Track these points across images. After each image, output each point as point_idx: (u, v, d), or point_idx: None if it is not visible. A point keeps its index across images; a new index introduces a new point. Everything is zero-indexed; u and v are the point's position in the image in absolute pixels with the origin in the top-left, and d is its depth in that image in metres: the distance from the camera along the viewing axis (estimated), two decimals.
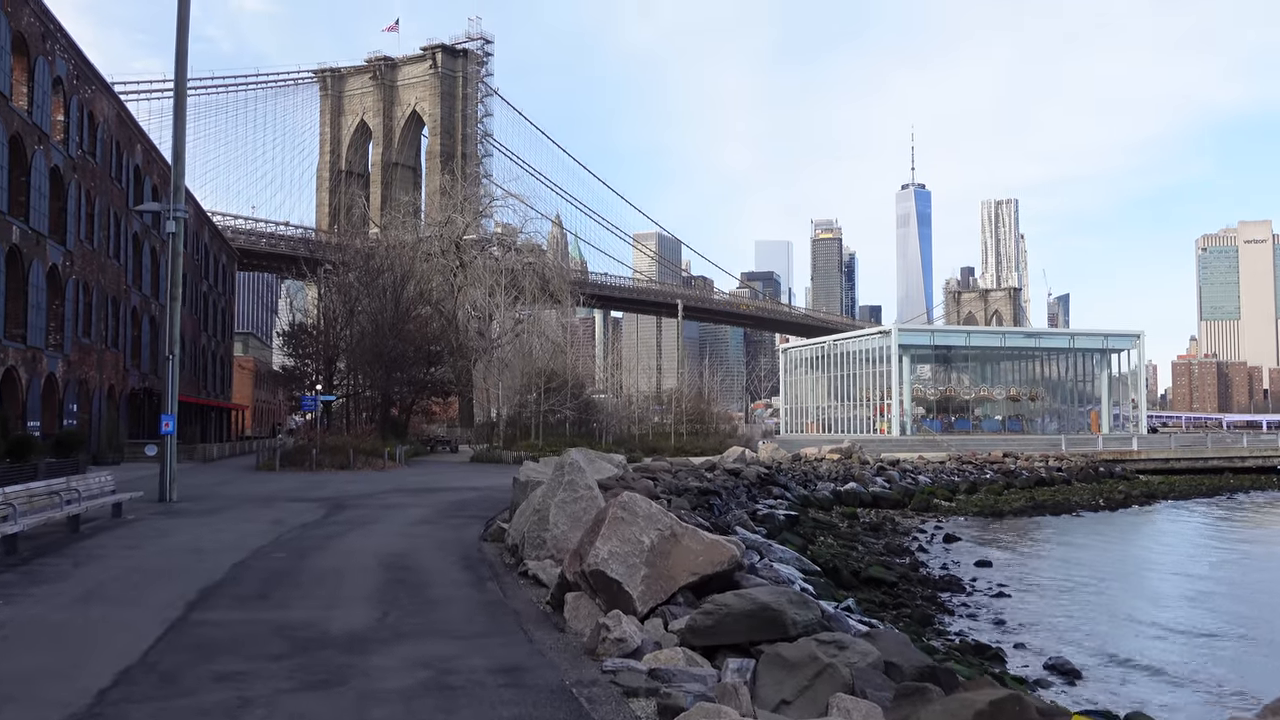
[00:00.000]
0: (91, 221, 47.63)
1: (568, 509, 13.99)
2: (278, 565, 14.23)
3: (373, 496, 28.76)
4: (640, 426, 66.72)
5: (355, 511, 23.61)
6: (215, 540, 17.27)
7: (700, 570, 10.33)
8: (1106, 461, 68.01)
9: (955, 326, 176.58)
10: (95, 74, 48.19)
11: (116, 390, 52.59)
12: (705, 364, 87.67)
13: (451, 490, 31.42)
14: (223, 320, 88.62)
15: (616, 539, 10.14)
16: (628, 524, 10.25)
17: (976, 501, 50.31)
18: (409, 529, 19.43)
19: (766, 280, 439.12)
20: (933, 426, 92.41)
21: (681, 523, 10.58)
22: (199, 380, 76.73)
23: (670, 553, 10.26)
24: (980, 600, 26.03)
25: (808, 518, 37.37)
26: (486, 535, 17.83)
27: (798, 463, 56.39)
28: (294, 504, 25.68)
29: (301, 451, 45.89)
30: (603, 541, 10.14)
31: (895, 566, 29.97)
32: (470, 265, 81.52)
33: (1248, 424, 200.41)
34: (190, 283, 73.14)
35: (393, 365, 56.73)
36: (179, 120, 25.14)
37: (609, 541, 10.12)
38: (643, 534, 10.19)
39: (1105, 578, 29.64)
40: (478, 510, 24.16)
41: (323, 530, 19.11)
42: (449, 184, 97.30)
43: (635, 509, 10.42)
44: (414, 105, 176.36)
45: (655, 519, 10.35)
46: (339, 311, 58.89)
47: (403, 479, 37.61)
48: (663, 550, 10.23)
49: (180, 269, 25.49)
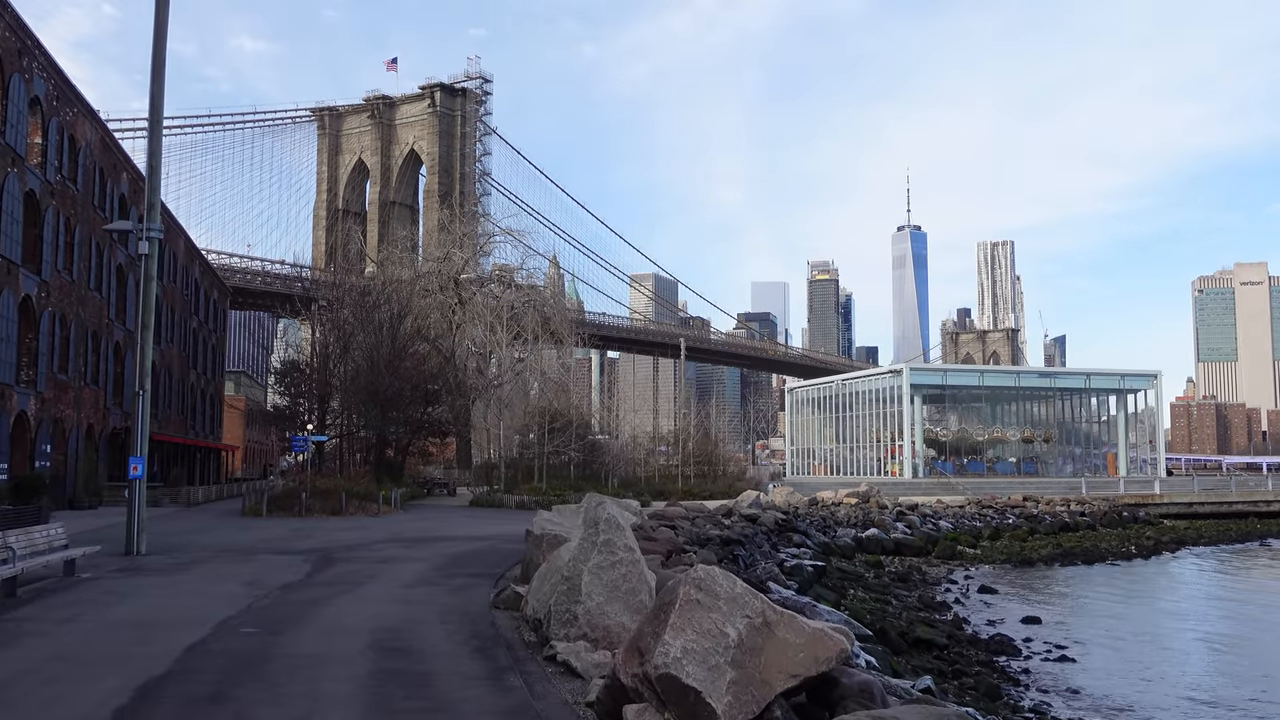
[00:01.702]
0: (71, 251, 44.85)
1: (604, 576, 11.29)
2: (243, 647, 11.37)
3: (365, 548, 25.95)
4: (646, 469, 63.90)
5: (345, 567, 20.80)
6: (174, 609, 14.38)
7: (801, 671, 7.64)
8: (1129, 505, 67.10)
9: (968, 366, 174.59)
10: (78, 96, 45.58)
11: (96, 429, 49.62)
12: (712, 404, 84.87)
13: (452, 540, 28.59)
14: (213, 358, 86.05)
15: (692, 630, 7.43)
16: (706, 609, 7.55)
17: (1002, 548, 49.40)
18: (406, 592, 16.61)
19: (763, 321, 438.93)
20: (945, 469, 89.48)
21: (774, 607, 7.86)
22: (187, 420, 73.97)
23: (762, 648, 7.56)
24: (1044, 667, 23.59)
25: (833, 567, 36.13)
26: (499, 601, 15.01)
27: (815, 507, 54.41)
28: (276, 557, 22.84)
29: (290, 495, 43.01)
30: (673, 634, 7.42)
31: (938, 624, 28.17)
32: (469, 302, 79.09)
33: (1247, 466, 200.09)
34: (180, 319, 70.72)
35: (388, 404, 53.85)
36: (154, 131, 22.64)
37: (682, 634, 7.40)
38: (727, 623, 7.49)
39: (1161, 636, 28.47)
40: (484, 566, 21.37)
41: (305, 593, 16.27)
42: (447, 219, 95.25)
43: (714, 588, 7.71)
44: (412, 144, 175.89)
45: (742, 602, 7.66)
46: (333, 347, 56.09)
47: (399, 526, 34.75)
48: (752, 645, 7.53)
49: (153, 294, 22.86)
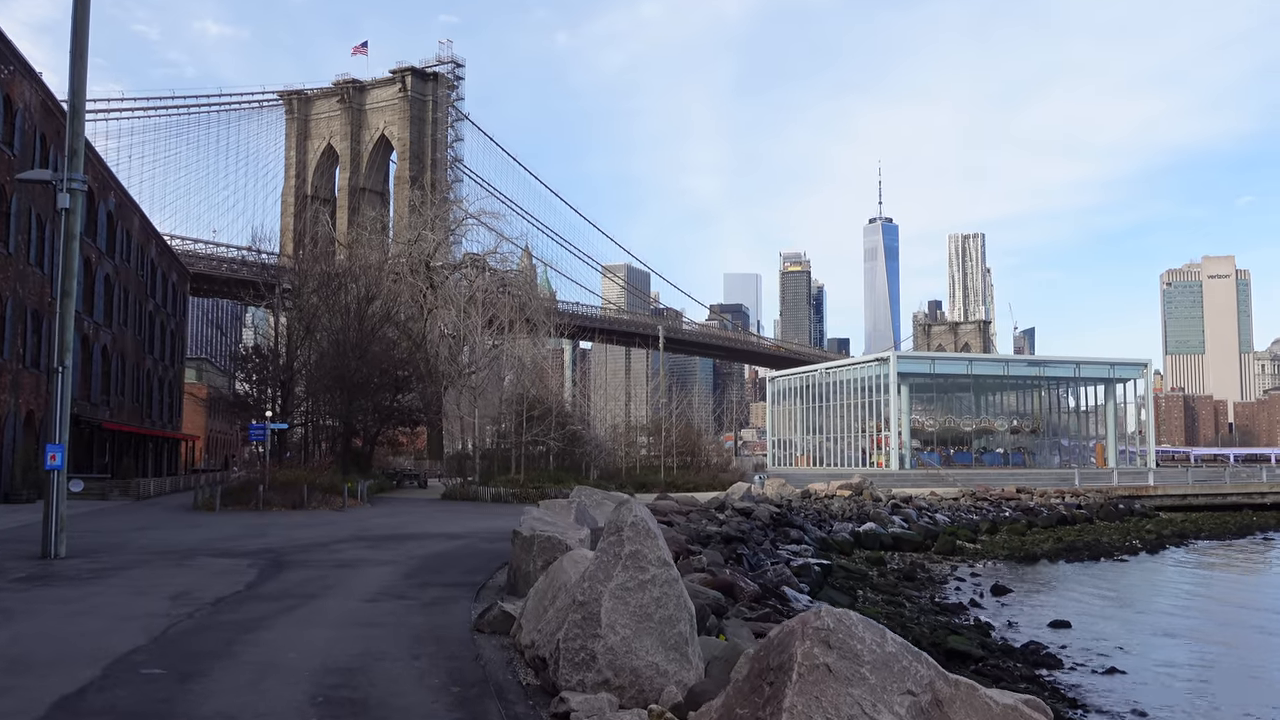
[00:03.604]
0: (7, 221, 41.13)
1: (632, 600, 8.33)
2: (133, 704, 8.20)
3: (325, 548, 22.81)
4: (627, 460, 60.93)
5: (297, 574, 17.67)
6: (64, 638, 11.11)
7: None
8: (1124, 497, 65.85)
9: (956, 355, 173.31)
10: (14, 53, 41.57)
11: (37, 416, 45.87)
12: (694, 392, 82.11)
13: (424, 538, 25.47)
14: (172, 343, 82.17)
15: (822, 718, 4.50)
16: (843, 681, 4.59)
17: (1002, 543, 47.15)
18: (367, 609, 13.50)
19: (735, 312, 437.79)
20: (932, 460, 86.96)
21: (945, 675, 4.90)
22: (142, 408, 70.17)
23: None
24: (1095, 683, 20.83)
25: (837, 566, 33.66)
26: (483, 622, 11.95)
27: (808, 500, 51.98)
28: (219, 561, 19.67)
29: (248, 488, 39.71)
30: None
31: (964, 630, 25.66)
32: (441, 286, 75.77)
33: (1214, 457, 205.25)
34: (135, 301, 66.94)
35: (355, 390, 50.49)
36: (78, 58, 19.29)
37: None
38: (879, 705, 4.55)
39: (1202, 639, 25.87)
40: (461, 571, 18.31)
41: (242, 612, 13.13)
42: (419, 200, 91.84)
43: (852, 646, 4.72)
44: (382, 129, 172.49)
45: (898, 668, 4.70)
46: (296, 330, 52.57)
47: (364, 522, 31.59)
48: None
49: (75, 255, 19.55)
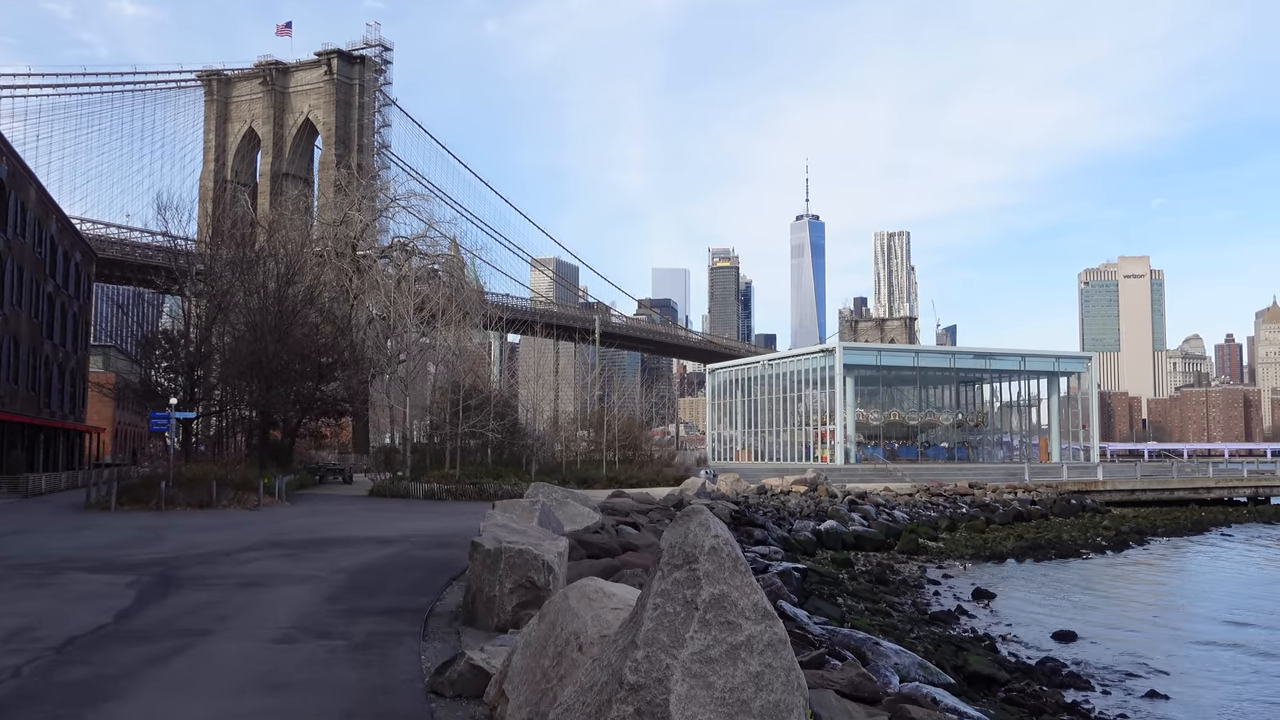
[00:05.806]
0: None
1: (719, 681, 4.94)
2: None
3: (230, 558, 18.93)
4: (568, 454, 57.50)
5: (188, 596, 13.86)
6: None
7: None
8: (1074, 493, 64.78)
9: (902, 346, 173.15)
10: None
11: None
12: (627, 387, 78.81)
13: (351, 544, 21.52)
14: (75, 329, 76.06)
15: None
16: None
17: (964, 541, 45.79)
18: (277, 655, 9.85)
19: (665, 307, 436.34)
20: (877, 454, 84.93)
21: None
22: (40, 396, 64.52)
23: None
24: (1140, 708, 18.12)
25: (810, 570, 31.06)
26: (441, 682, 8.43)
27: (764, 496, 49.45)
28: (92, 578, 15.73)
29: (149, 485, 35.26)
30: None
31: (969, 646, 23.21)
32: (368, 271, 71.44)
33: (1129, 452, 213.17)
34: (31, 279, 61.35)
35: (274, 377, 46.02)
36: None
37: None
38: None
39: (1220, 646, 24.16)
40: (399, 591, 14.63)
41: (96, 662, 9.38)
42: (345, 180, 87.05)
43: None
44: (307, 113, 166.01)
45: None
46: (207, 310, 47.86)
47: (281, 523, 27.51)
48: None
49: None
